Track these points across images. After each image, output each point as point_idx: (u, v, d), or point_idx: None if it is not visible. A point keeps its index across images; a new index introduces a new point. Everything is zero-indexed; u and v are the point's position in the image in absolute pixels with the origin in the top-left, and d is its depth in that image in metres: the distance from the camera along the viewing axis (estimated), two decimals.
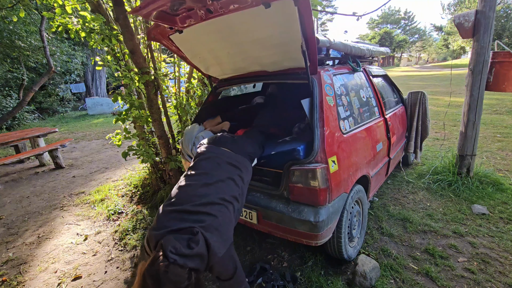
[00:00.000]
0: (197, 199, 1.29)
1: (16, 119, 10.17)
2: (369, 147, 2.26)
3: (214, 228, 1.20)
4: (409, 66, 51.72)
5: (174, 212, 1.24)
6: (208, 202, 1.29)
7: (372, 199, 3.05)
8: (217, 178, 1.43)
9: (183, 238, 1.10)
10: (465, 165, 3.21)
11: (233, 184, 1.45)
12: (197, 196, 1.31)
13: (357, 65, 2.58)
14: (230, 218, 1.32)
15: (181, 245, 1.06)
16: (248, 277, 2.00)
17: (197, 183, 1.39)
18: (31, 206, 3.60)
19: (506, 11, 20.88)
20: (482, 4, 2.80)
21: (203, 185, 1.38)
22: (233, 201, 1.38)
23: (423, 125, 3.41)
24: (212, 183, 1.39)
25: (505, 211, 2.68)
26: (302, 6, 1.47)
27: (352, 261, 2.13)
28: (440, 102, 9.03)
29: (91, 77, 15.76)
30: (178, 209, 1.25)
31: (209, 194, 1.32)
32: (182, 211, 1.24)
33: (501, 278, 1.91)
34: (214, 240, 1.15)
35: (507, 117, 6.51)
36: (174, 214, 1.24)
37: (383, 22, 53.84)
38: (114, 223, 3.01)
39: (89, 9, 2.93)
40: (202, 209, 1.25)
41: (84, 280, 2.19)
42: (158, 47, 3.29)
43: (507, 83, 2.93)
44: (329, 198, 1.72)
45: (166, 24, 1.87)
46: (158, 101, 2.99)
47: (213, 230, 1.19)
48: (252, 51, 2.05)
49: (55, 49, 10.54)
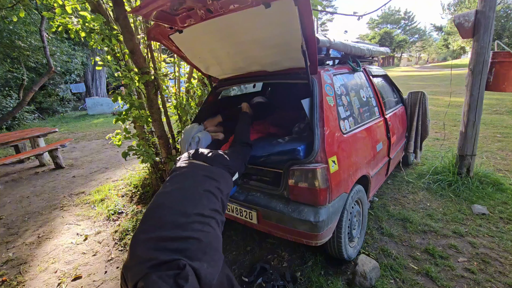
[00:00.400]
0: (174, 221, 1.12)
1: (16, 119, 10.16)
2: (369, 147, 2.26)
3: (202, 252, 1.05)
4: (409, 66, 51.74)
5: (151, 241, 1.05)
6: (188, 222, 1.13)
7: (372, 199, 3.05)
8: (193, 192, 1.30)
9: (168, 276, 0.92)
10: (465, 165, 3.21)
11: (211, 197, 1.33)
12: (174, 217, 1.14)
13: (357, 65, 2.58)
14: (215, 235, 1.17)
15: (168, 286, 0.89)
16: (248, 277, 2.00)
17: (172, 201, 1.24)
18: (31, 206, 3.59)
19: (506, 11, 20.89)
20: (482, 4, 2.80)
21: (178, 202, 1.23)
22: (215, 215, 1.25)
23: (423, 125, 3.41)
24: (188, 198, 1.26)
25: (505, 211, 2.68)
26: (302, 6, 1.47)
27: (352, 261, 2.13)
28: (440, 102, 9.03)
29: (91, 77, 15.75)
30: (154, 236, 1.06)
31: (186, 213, 1.17)
32: (159, 239, 1.05)
33: (501, 278, 1.90)
34: (205, 268, 1.01)
35: (507, 117, 6.51)
36: (151, 244, 1.04)
37: (383, 22, 53.84)
38: (114, 223, 3.01)
39: (89, 9, 2.93)
40: (182, 234, 1.07)
41: (84, 280, 2.19)
42: (158, 47, 3.29)
43: (507, 83, 2.93)
44: (329, 198, 1.72)
45: (166, 24, 1.87)
46: (158, 101, 2.99)
47: (201, 256, 1.03)
48: (252, 51, 2.05)
49: (55, 49, 10.55)
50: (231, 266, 2.20)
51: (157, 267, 0.95)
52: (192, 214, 1.17)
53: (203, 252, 1.05)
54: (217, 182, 1.44)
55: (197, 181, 1.40)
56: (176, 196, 1.27)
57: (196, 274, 0.97)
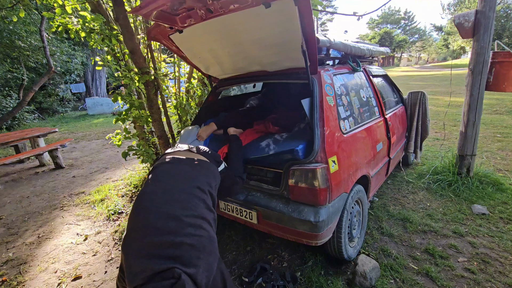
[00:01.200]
0: (164, 226, 1.06)
1: (16, 119, 10.16)
2: (369, 147, 2.26)
3: (196, 258, 1.02)
4: (409, 66, 51.74)
5: (143, 249, 1.01)
6: (179, 227, 1.07)
7: (372, 199, 3.05)
8: (180, 191, 1.21)
9: (164, 286, 0.92)
10: (465, 165, 3.21)
11: (200, 193, 1.24)
12: (163, 222, 1.08)
13: (357, 65, 2.58)
14: (209, 236, 1.12)
15: None
16: (248, 277, 1.99)
17: (158, 204, 1.15)
18: (31, 206, 3.59)
19: (506, 11, 20.89)
20: (482, 4, 2.80)
21: (166, 205, 1.14)
22: (207, 214, 1.18)
23: (423, 125, 3.41)
24: (176, 200, 1.17)
25: (505, 211, 2.68)
26: (302, 6, 1.47)
27: (352, 261, 2.13)
28: (440, 102, 9.03)
29: (91, 77, 15.76)
30: (146, 243, 1.02)
31: (176, 217, 1.09)
32: (151, 245, 1.02)
33: (501, 278, 1.90)
34: (201, 273, 1.00)
35: (507, 117, 6.51)
36: (143, 252, 1.01)
37: (383, 22, 53.86)
38: (114, 223, 3.01)
39: (89, 9, 2.93)
40: (175, 239, 1.03)
41: (84, 280, 2.19)
42: (158, 47, 3.30)
43: (507, 83, 2.93)
44: (329, 198, 1.72)
45: (166, 23, 1.87)
46: (158, 101, 2.99)
47: (195, 262, 1.01)
48: (252, 51, 2.05)
49: (55, 49, 10.55)
50: (231, 266, 2.20)
51: (152, 277, 0.94)
52: (182, 217, 1.10)
53: (197, 257, 1.03)
54: (204, 176, 1.36)
55: (183, 178, 1.30)
56: (161, 197, 1.18)
57: (192, 279, 0.96)
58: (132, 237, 1.08)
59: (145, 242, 1.03)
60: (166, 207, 1.13)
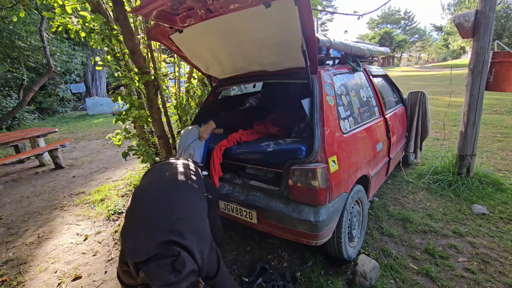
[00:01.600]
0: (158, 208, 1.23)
1: (16, 119, 10.16)
2: (369, 147, 2.26)
3: (191, 232, 1.17)
4: (409, 66, 51.74)
5: (142, 227, 1.16)
6: (172, 208, 1.23)
7: (372, 199, 3.05)
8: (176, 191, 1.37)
9: (166, 264, 1.02)
10: (465, 165, 3.21)
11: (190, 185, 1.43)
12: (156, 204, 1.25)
13: (357, 65, 2.58)
14: (201, 217, 1.31)
15: (167, 273, 1.00)
16: (248, 277, 1.99)
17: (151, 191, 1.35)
18: (31, 206, 3.59)
19: (506, 11, 20.88)
20: (482, 4, 2.80)
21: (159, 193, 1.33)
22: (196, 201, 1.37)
23: (423, 125, 3.41)
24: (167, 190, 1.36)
25: (505, 211, 2.68)
26: (302, 6, 1.48)
27: (352, 261, 2.13)
28: (440, 102, 9.03)
29: (91, 77, 15.75)
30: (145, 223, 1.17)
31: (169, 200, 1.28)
32: (150, 223, 1.16)
33: (501, 278, 1.90)
34: (195, 246, 1.13)
35: (507, 117, 6.51)
36: (144, 229, 1.15)
37: (383, 22, 53.84)
38: (114, 223, 3.01)
39: (89, 9, 2.93)
40: (170, 217, 1.19)
41: (84, 280, 2.19)
42: (158, 47, 3.30)
43: (507, 83, 2.93)
44: (329, 198, 1.72)
45: (166, 23, 1.87)
46: (158, 101, 2.99)
47: (190, 236, 1.15)
48: (252, 51, 2.05)
49: (55, 49, 10.55)
50: (231, 266, 2.20)
51: (154, 255, 1.04)
52: (176, 201, 1.28)
53: (192, 231, 1.17)
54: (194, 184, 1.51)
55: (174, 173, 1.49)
56: (156, 188, 1.37)
57: (189, 252, 1.08)
58: (133, 219, 1.23)
59: (145, 222, 1.17)
60: (162, 195, 1.30)
